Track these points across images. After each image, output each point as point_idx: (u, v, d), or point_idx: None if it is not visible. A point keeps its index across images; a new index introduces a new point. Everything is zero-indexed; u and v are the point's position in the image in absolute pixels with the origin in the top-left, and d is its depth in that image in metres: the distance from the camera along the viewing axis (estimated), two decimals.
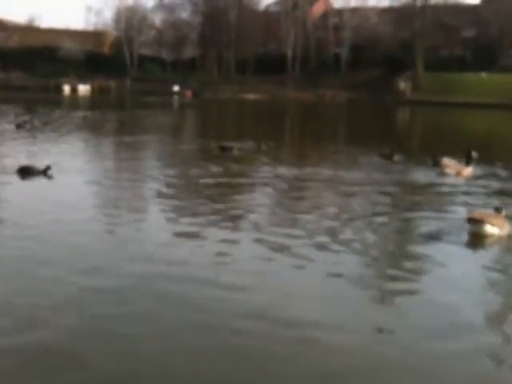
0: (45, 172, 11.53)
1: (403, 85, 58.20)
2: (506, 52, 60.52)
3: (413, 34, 59.82)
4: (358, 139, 22.88)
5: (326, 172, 13.64)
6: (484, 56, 58.46)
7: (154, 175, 12.56)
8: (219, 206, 9.74)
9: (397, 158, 15.61)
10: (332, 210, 9.78)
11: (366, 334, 5.35)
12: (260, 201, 10.42)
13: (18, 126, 21.48)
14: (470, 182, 12.93)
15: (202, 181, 12.00)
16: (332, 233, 8.27)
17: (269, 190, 11.48)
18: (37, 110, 32.63)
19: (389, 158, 15.63)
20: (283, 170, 13.64)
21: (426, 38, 59.03)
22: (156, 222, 8.71)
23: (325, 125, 32.38)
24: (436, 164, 13.92)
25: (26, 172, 11.55)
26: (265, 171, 13.53)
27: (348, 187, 11.69)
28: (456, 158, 14.40)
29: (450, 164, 13.65)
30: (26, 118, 25.04)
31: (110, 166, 14.40)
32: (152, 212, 9.37)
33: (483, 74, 55.99)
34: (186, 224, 8.59)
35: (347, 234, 8.30)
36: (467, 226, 8.31)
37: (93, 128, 24.68)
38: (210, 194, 10.77)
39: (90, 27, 79.14)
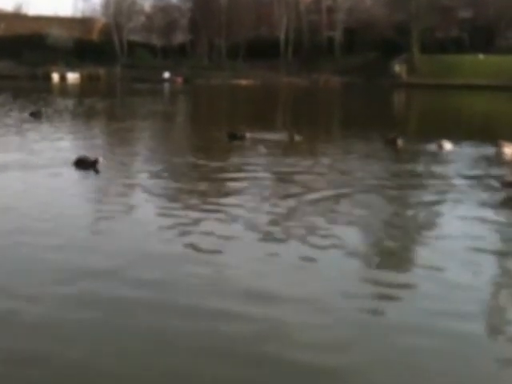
0: (93, 165, 11.09)
1: (398, 68, 57.38)
2: (504, 33, 59.73)
3: (408, 15, 58.73)
4: (373, 125, 21.92)
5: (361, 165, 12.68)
6: (481, 37, 57.67)
7: (159, 167, 12.05)
8: (218, 201, 9.03)
9: (400, 142, 15.03)
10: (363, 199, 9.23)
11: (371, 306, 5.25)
12: (261, 193, 9.67)
13: (34, 115, 20.68)
14: None
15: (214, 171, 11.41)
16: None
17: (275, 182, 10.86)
18: (37, 98, 31.96)
19: (393, 143, 15.03)
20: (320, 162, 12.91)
21: (421, 20, 57.96)
22: (147, 219, 8.03)
23: (332, 111, 31.62)
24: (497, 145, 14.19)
25: (81, 163, 11.23)
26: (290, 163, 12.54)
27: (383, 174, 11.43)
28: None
29: (507, 144, 13.96)
30: (39, 107, 24.26)
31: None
32: (145, 207, 8.67)
33: (480, 56, 55.18)
34: (179, 222, 7.86)
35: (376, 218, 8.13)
36: (504, 190, 9.03)
37: (102, 116, 24.75)
38: (217, 186, 10.16)
39: (78, 14, 78.18)
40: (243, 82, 57.40)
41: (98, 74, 63.02)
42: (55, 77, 60.93)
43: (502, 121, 26.98)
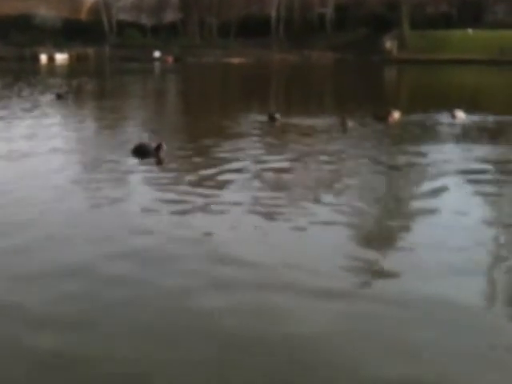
0: (156, 152, 10.22)
1: (389, 44, 57.65)
2: (492, 7, 60.18)
3: None
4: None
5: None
6: (470, 12, 58.09)
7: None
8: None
9: (391, 119, 14.38)
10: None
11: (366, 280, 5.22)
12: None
13: (59, 97, 20.73)
14: None
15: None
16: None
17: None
18: (41, 80, 31.92)
19: (384, 119, 14.32)
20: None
21: None
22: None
23: (336, 89, 31.06)
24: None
25: (140, 152, 10.30)
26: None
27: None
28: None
29: None
30: (65, 88, 24.29)
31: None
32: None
33: (469, 31, 55.68)
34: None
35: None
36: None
37: (122, 96, 24.76)
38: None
39: None
40: (235, 60, 57.26)
41: (86, 54, 62.34)
42: (43, 57, 60.09)
43: (498, 93, 27.54)
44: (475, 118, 15.15)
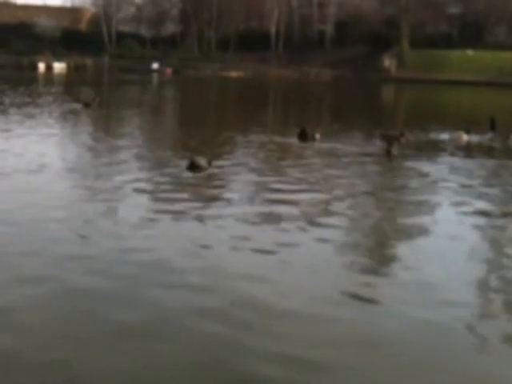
0: (210, 164, 10.02)
1: (388, 62, 57.68)
2: (492, 29, 60.32)
3: (398, 10, 59.10)
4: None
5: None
6: (470, 33, 58.16)
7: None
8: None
9: (404, 140, 13.77)
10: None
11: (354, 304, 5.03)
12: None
13: (87, 105, 20.56)
14: None
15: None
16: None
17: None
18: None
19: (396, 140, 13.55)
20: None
21: (411, 15, 58.43)
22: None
23: (348, 108, 30.17)
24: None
25: (195, 167, 9.92)
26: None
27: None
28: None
29: None
30: (92, 96, 24.12)
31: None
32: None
33: (469, 51, 55.67)
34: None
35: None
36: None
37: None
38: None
39: (68, 3, 77.69)
40: (233, 73, 57.25)
41: (84, 64, 62.38)
42: (41, 66, 60.10)
43: (498, 114, 27.04)
44: (476, 138, 15.15)
